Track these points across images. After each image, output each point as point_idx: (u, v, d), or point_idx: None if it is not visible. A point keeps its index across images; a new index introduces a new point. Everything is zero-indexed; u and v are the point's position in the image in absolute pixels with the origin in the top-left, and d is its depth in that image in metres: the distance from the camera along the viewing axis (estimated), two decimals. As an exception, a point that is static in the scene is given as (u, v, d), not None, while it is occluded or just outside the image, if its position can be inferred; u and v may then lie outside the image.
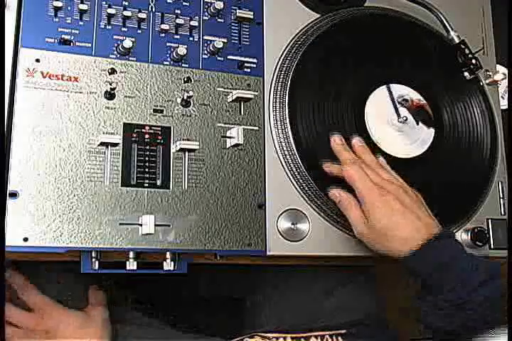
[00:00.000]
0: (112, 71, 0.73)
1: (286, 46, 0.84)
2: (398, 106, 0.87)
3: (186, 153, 0.75)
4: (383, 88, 0.88)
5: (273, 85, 0.82)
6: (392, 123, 0.87)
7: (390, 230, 0.73)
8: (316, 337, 0.84)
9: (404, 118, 0.86)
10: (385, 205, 0.74)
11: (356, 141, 0.81)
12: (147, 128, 0.74)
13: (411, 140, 0.87)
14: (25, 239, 0.66)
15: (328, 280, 0.93)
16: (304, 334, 0.85)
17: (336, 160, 0.79)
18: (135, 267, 0.71)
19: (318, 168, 0.79)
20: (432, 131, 0.89)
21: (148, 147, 0.73)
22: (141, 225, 0.70)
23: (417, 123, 0.88)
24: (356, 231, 0.76)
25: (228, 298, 1.06)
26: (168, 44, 0.77)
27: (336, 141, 0.80)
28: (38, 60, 0.71)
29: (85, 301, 0.83)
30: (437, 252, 0.72)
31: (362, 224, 0.75)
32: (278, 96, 0.81)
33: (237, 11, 0.81)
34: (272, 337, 0.84)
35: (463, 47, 0.92)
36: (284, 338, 0.84)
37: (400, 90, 0.89)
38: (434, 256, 0.72)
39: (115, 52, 0.74)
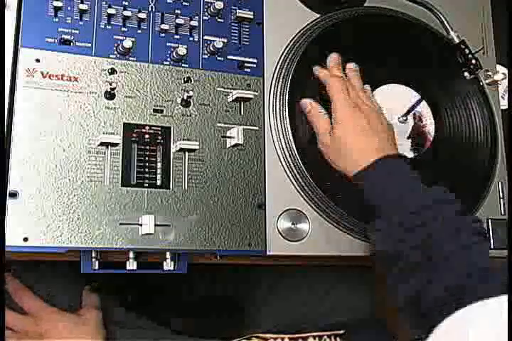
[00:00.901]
0: (112, 71, 0.73)
1: (286, 46, 0.84)
2: (411, 114, 0.88)
3: (186, 153, 0.75)
4: (394, 87, 0.88)
5: (273, 85, 0.82)
6: (392, 122, 0.87)
7: (349, 145, 0.75)
8: (314, 337, 0.84)
9: (405, 119, 0.86)
10: (353, 121, 0.75)
11: (351, 64, 0.83)
12: (147, 128, 0.74)
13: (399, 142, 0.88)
14: (25, 239, 0.66)
15: (328, 280, 0.93)
16: (302, 335, 0.85)
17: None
18: (135, 267, 0.71)
19: (318, 168, 0.79)
20: (412, 154, 0.88)
21: (148, 147, 0.73)
22: (141, 225, 0.70)
23: (408, 138, 0.89)
24: (319, 141, 0.78)
25: (226, 298, 1.06)
26: (168, 44, 0.77)
27: (333, 56, 0.82)
28: (38, 60, 0.71)
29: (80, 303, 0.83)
30: (382, 172, 0.72)
31: (327, 136, 0.77)
32: (278, 96, 0.81)
33: (237, 11, 0.81)
34: (270, 337, 0.84)
35: (463, 47, 0.92)
36: (282, 339, 0.84)
37: (424, 110, 0.90)
38: (378, 176, 0.72)
39: (115, 52, 0.74)
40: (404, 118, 0.87)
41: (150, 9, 0.77)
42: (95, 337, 0.79)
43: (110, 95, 0.73)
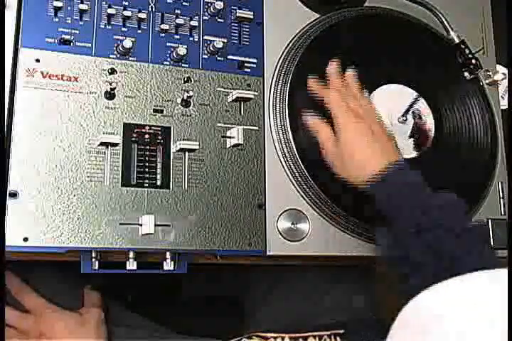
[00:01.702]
0: (112, 71, 0.73)
1: (286, 46, 0.84)
2: (410, 113, 0.88)
3: (186, 153, 0.75)
4: (394, 87, 0.88)
5: (273, 85, 0.82)
6: (392, 123, 0.87)
7: (354, 153, 0.74)
8: (314, 337, 0.84)
9: (405, 119, 0.86)
10: (355, 129, 0.75)
11: (350, 71, 0.83)
12: (147, 128, 0.74)
13: (401, 143, 0.88)
14: (25, 239, 0.66)
15: (328, 280, 0.93)
16: (302, 334, 0.85)
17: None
18: (135, 267, 0.71)
19: (318, 168, 0.79)
20: (415, 154, 0.88)
21: (148, 147, 0.73)
22: (141, 225, 0.70)
23: (409, 137, 0.88)
24: (323, 151, 0.77)
25: (225, 297, 1.06)
26: (168, 44, 0.77)
27: (333, 65, 0.82)
28: (38, 60, 0.71)
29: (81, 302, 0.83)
30: (389, 180, 0.72)
31: (330, 144, 0.76)
32: (278, 96, 0.81)
33: (237, 11, 0.81)
34: (270, 336, 0.84)
35: (463, 47, 0.92)
36: (282, 338, 0.84)
37: (423, 108, 0.89)
38: (386, 183, 0.72)
39: (115, 52, 0.74)
40: (404, 118, 0.87)
41: (150, 9, 0.77)
42: (97, 335, 0.79)
43: (110, 95, 0.73)
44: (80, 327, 0.78)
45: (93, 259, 0.70)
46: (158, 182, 0.73)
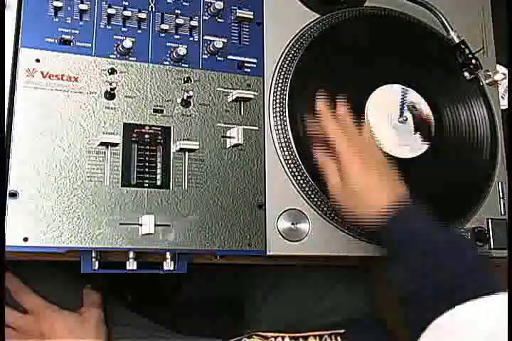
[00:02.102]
0: (112, 71, 0.73)
1: (286, 46, 0.84)
2: (405, 109, 0.88)
3: (186, 153, 0.75)
4: (389, 87, 0.88)
5: (273, 85, 0.82)
6: (393, 123, 0.87)
7: (361, 188, 0.74)
8: (314, 336, 0.84)
9: (405, 118, 0.86)
10: (362, 172, 0.74)
11: (340, 104, 0.81)
12: (147, 128, 0.74)
13: (405, 142, 0.87)
14: (25, 239, 0.66)
15: (328, 279, 0.93)
16: (303, 334, 0.85)
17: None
18: (135, 267, 0.71)
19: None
20: (426, 145, 0.88)
21: (148, 147, 0.73)
22: (141, 225, 0.70)
23: (415, 132, 0.88)
24: (329, 186, 0.77)
25: (225, 297, 1.06)
26: (168, 44, 0.77)
27: (320, 106, 0.80)
28: (38, 60, 0.71)
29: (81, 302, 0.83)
30: (406, 223, 0.72)
31: (335, 179, 0.76)
32: (278, 96, 0.81)
33: (237, 11, 0.81)
34: (271, 336, 0.84)
35: (463, 47, 0.92)
36: (283, 338, 0.84)
37: (414, 98, 0.89)
38: (403, 226, 0.72)
39: (115, 52, 0.74)
40: (404, 118, 0.87)
41: (150, 9, 0.77)
42: (97, 335, 0.79)
43: (110, 95, 0.73)
44: (79, 327, 0.79)
45: (93, 259, 0.70)
46: (158, 182, 0.73)
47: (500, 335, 0.48)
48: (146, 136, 0.73)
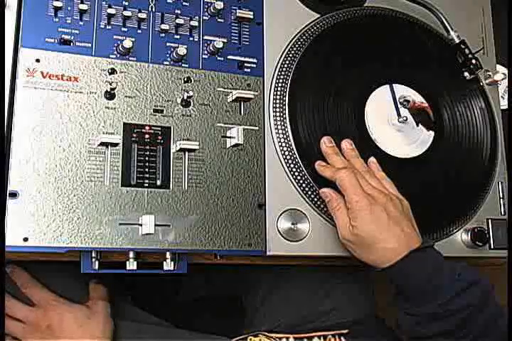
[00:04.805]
0: (112, 71, 0.73)
1: (286, 46, 0.84)
2: (399, 106, 0.87)
3: (186, 153, 0.75)
4: (385, 87, 0.88)
5: (273, 85, 0.82)
6: (392, 123, 0.87)
7: (373, 240, 0.73)
8: (318, 337, 0.85)
9: (405, 118, 0.86)
10: (371, 215, 0.73)
11: (345, 143, 0.81)
12: (147, 128, 0.74)
13: (410, 140, 0.87)
14: (25, 239, 0.66)
15: (328, 280, 0.93)
16: (307, 335, 0.85)
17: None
18: (135, 267, 0.71)
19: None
20: (432, 133, 0.89)
21: (148, 147, 0.73)
22: (141, 225, 0.70)
23: (417, 125, 0.88)
24: (340, 235, 0.76)
25: (230, 296, 1.06)
26: (168, 44, 0.77)
27: (326, 143, 0.80)
28: (38, 60, 0.71)
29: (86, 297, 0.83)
30: (417, 265, 0.73)
31: (347, 229, 0.75)
32: (278, 96, 0.81)
33: (237, 11, 0.81)
34: (276, 337, 0.85)
35: (463, 47, 0.92)
36: (287, 338, 0.85)
37: (402, 91, 0.89)
38: (414, 268, 0.72)
39: (115, 52, 0.74)
40: (404, 118, 0.87)
41: (150, 9, 0.77)
42: (105, 328, 0.79)
43: (110, 95, 0.73)
44: (88, 320, 0.79)
45: (93, 259, 0.70)
46: (158, 182, 0.73)
47: None
48: (146, 136, 0.73)
